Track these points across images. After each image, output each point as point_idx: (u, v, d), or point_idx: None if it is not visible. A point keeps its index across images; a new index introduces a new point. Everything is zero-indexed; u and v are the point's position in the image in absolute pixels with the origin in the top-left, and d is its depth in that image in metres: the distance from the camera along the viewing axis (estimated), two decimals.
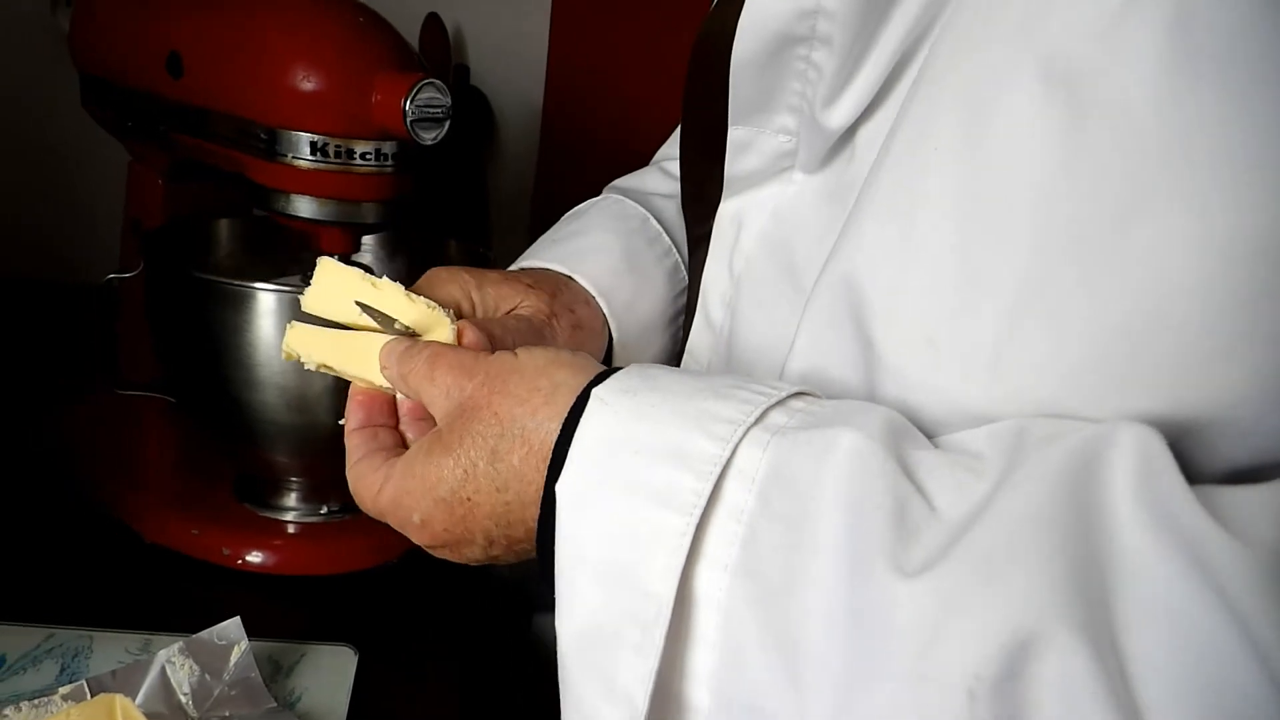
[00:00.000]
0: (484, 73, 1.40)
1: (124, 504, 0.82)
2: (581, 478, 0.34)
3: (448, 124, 0.69)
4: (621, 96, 1.34)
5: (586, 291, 0.54)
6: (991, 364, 0.33)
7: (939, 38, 0.36)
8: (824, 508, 0.30)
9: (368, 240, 0.91)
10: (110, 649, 0.66)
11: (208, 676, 0.61)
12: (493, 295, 0.50)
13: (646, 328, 0.56)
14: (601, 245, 0.57)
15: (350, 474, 0.43)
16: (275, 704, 0.62)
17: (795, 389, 0.36)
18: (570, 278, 0.55)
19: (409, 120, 0.67)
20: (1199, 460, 0.30)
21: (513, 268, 0.58)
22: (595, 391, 0.36)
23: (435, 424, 0.41)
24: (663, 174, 0.66)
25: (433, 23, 1.33)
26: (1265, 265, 0.28)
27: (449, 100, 0.68)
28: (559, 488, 0.35)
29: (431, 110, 0.68)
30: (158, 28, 0.77)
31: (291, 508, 0.83)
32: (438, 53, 1.34)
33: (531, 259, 0.58)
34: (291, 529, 0.81)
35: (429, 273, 0.50)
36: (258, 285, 0.71)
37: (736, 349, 0.48)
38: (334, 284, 0.47)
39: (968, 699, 0.27)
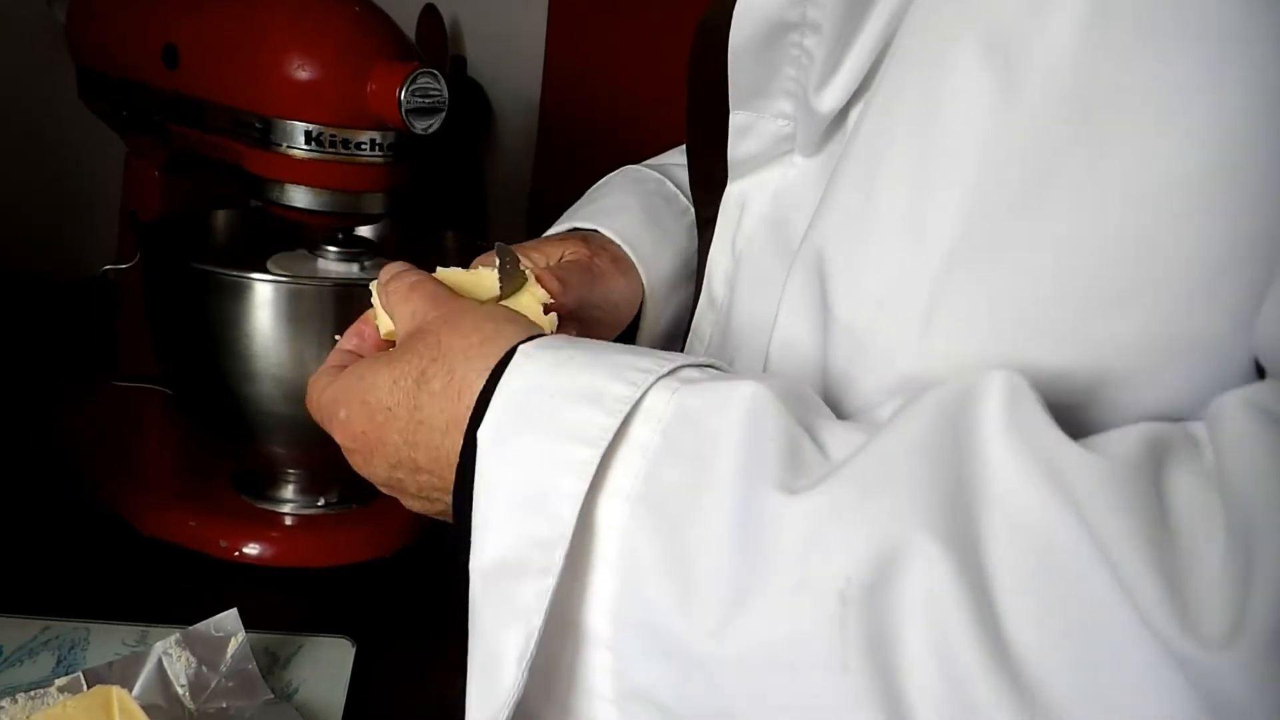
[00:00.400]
0: (481, 64, 1.39)
1: (121, 496, 0.82)
2: (501, 421, 0.36)
3: (443, 114, 0.68)
4: (619, 88, 1.34)
5: (614, 240, 0.57)
6: (925, 321, 0.34)
7: (907, 19, 0.38)
8: (722, 444, 0.33)
9: (363, 231, 0.91)
10: (107, 641, 0.66)
11: (205, 668, 0.61)
12: (538, 256, 0.54)
13: (671, 275, 0.59)
14: (621, 205, 0.60)
15: (313, 379, 0.46)
16: (272, 695, 0.62)
17: (713, 361, 0.39)
18: (596, 231, 0.58)
19: (404, 110, 0.67)
20: (1110, 420, 0.32)
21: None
22: (521, 347, 0.38)
23: None
24: (681, 153, 0.68)
25: (429, 14, 1.33)
26: (1152, 217, 0.30)
27: (445, 90, 0.68)
28: (480, 433, 0.36)
29: (427, 100, 0.67)
30: (153, 19, 0.77)
31: (289, 500, 0.83)
32: (434, 44, 1.34)
33: (556, 228, 0.61)
34: (289, 521, 0.81)
35: (477, 260, 0.53)
36: (255, 276, 0.71)
37: (733, 323, 0.50)
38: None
39: (839, 602, 0.29)
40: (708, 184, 0.52)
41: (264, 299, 0.71)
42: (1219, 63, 0.29)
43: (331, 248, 0.77)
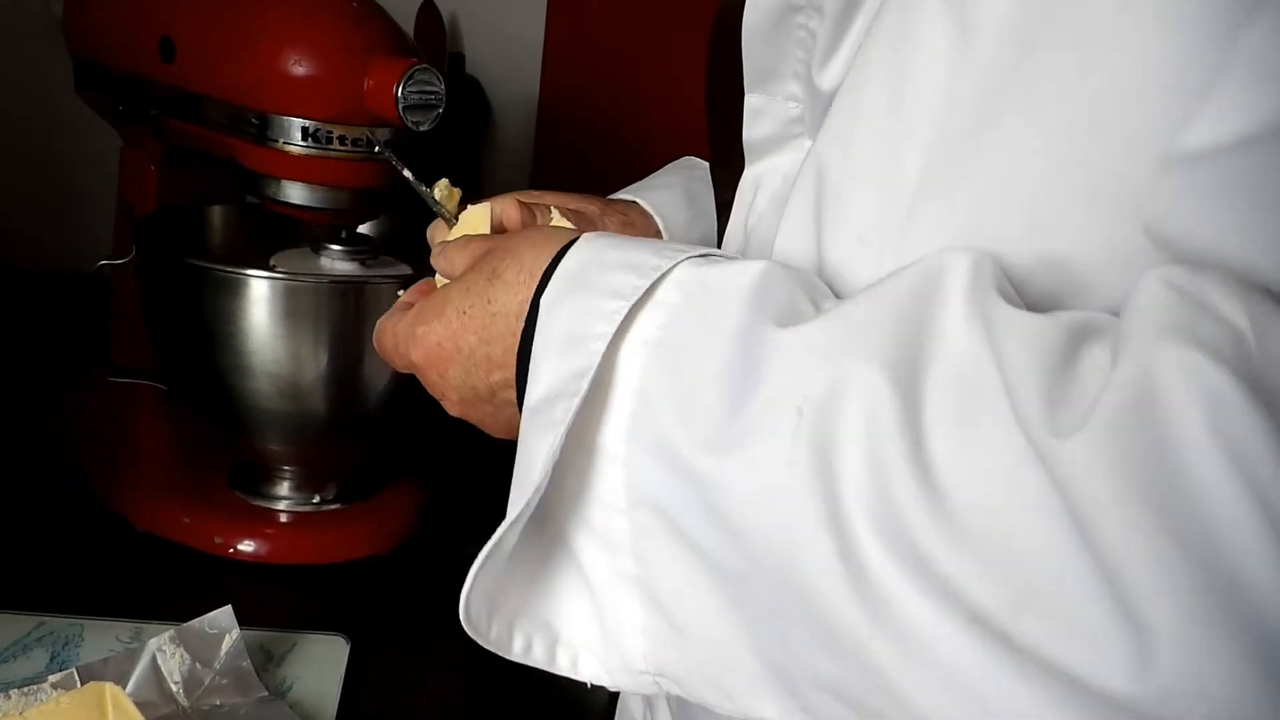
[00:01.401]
0: (480, 61, 1.39)
1: (115, 492, 0.82)
2: (559, 287, 0.43)
3: (440, 110, 0.68)
4: (617, 84, 1.33)
5: (647, 211, 0.62)
6: (897, 247, 0.39)
7: None
8: (733, 300, 0.39)
9: (361, 227, 0.90)
10: (101, 637, 0.66)
11: (199, 665, 0.61)
12: (551, 198, 0.59)
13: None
14: (665, 184, 0.66)
15: (380, 321, 0.52)
16: (266, 693, 0.62)
17: (737, 257, 0.44)
18: (634, 202, 0.63)
19: (401, 106, 0.66)
20: None
21: None
22: (583, 235, 0.45)
23: None
24: None
25: (428, 10, 1.33)
26: (1078, 143, 0.35)
27: (442, 87, 0.68)
28: (542, 298, 0.43)
29: (424, 96, 0.67)
30: (150, 11, 0.77)
31: (284, 497, 0.82)
32: (433, 41, 1.33)
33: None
34: (284, 518, 0.81)
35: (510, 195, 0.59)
36: (250, 272, 0.71)
37: None
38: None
39: (796, 415, 0.35)
40: (727, 167, 0.55)
41: (260, 295, 0.71)
42: (1122, 13, 0.33)
43: (334, 245, 0.76)
